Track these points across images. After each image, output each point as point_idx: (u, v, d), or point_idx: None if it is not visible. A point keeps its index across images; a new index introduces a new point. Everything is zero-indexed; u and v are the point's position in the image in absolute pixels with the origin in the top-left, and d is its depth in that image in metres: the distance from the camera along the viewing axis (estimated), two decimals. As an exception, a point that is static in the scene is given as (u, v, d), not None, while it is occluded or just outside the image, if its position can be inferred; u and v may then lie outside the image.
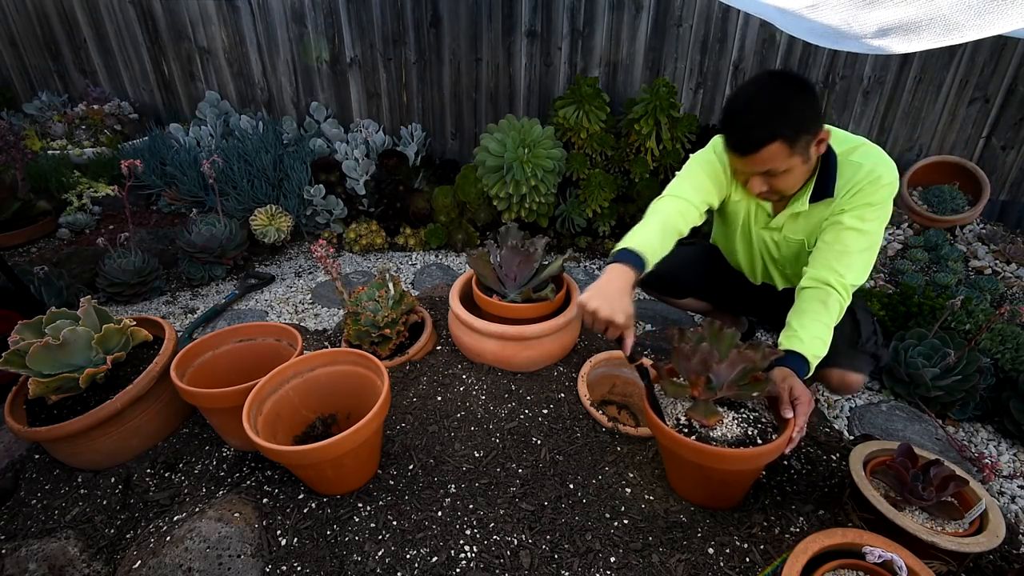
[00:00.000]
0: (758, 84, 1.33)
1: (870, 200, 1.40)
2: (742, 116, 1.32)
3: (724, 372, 1.28)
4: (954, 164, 2.81)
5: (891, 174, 1.41)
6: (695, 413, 1.33)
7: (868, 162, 1.41)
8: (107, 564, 1.35)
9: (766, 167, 1.35)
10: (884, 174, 1.40)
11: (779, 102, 1.28)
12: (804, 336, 1.35)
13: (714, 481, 1.37)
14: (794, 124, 1.29)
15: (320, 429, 1.62)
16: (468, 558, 1.32)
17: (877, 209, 1.41)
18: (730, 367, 1.26)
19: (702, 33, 2.85)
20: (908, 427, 1.83)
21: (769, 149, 1.30)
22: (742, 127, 1.32)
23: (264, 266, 2.96)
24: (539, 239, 2.03)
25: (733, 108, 1.35)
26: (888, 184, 1.40)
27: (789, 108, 1.28)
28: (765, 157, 1.32)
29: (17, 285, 1.98)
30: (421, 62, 3.22)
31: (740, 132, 1.33)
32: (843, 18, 1.30)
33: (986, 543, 1.19)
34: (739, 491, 1.45)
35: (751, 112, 1.30)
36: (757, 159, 1.33)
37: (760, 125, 1.29)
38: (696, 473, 1.37)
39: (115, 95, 3.75)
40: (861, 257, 1.42)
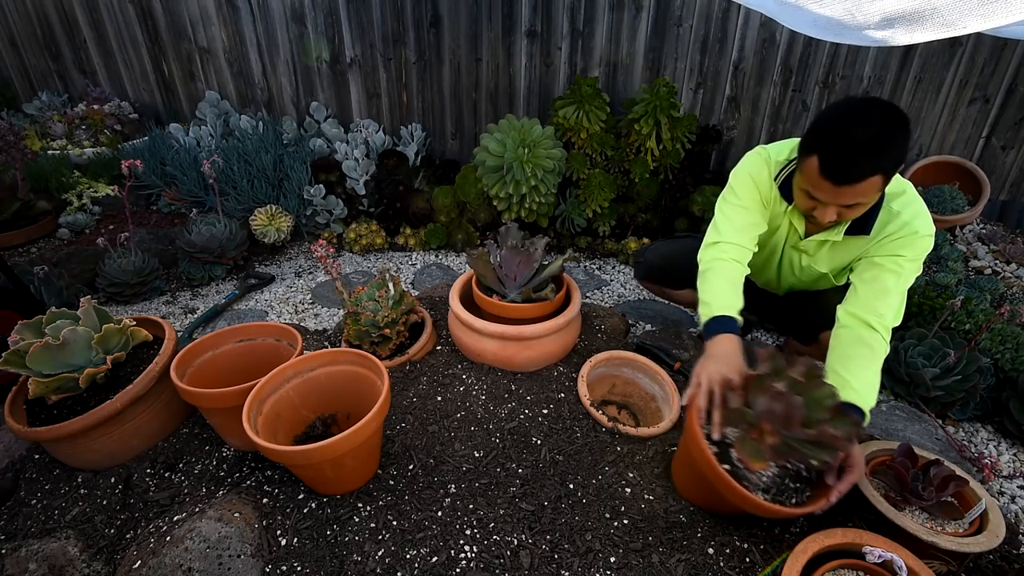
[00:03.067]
0: (868, 113, 1.22)
1: (908, 253, 1.38)
2: (853, 145, 1.20)
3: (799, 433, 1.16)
4: (954, 164, 2.81)
5: (928, 227, 1.39)
6: (743, 451, 1.22)
7: (906, 213, 1.39)
8: (107, 564, 1.35)
9: (855, 200, 1.27)
10: (921, 228, 1.38)
11: (890, 136, 1.20)
12: (859, 387, 1.29)
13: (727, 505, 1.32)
14: (895, 161, 1.23)
15: (320, 429, 1.62)
16: (468, 558, 1.32)
17: (915, 264, 1.39)
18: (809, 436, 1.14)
19: (702, 33, 2.85)
20: (908, 427, 1.83)
21: (869, 183, 1.22)
22: (850, 158, 1.21)
23: (264, 266, 2.96)
24: (539, 239, 2.03)
25: (842, 134, 1.22)
26: (925, 237, 1.38)
27: (896, 143, 1.21)
28: (860, 190, 1.24)
29: (17, 285, 1.98)
30: (421, 62, 3.22)
31: (847, 163, 1.22)
32: (846, 8, 1.29)
33: (986, 543, 1.19)
34: None
35: (863, 144, 1.20)
36: (852, 191, 1.25)
37: (871, 158, 1.20)
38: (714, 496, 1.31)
39: (115, 95, 3.74)
40: (899, 299, 1.39)
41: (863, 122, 1.21)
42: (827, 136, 1.25)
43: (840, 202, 1.30)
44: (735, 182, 1.57)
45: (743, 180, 1.55)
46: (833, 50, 2.75)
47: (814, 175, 1.28)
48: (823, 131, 1.26)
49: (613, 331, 2.20)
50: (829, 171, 1.24)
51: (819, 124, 1.28)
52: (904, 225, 1.39)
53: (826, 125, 1.26)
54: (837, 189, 1.26)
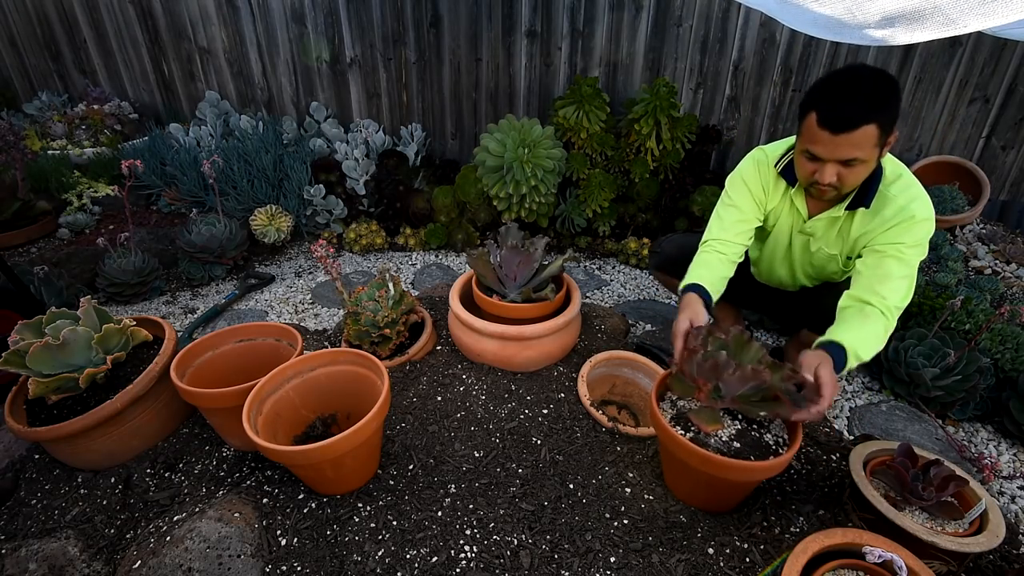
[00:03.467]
0: (861, 71, 1.32)
1: (908, 240, 1.42)
2: (847, 93, 1.29)
3: (734, 384, 1.26)
4: (954, 164, 2.81)
5: (925, 211, 1.42)
6: (697, 417, 1.30)
7: (903, 197, 1.43)
8: (107, 564, 1.35)
9: (852, 153, 1.33)
10: (917, 212, 1.41)
11: (882, 90, 1.29)
12: (846, 336, 1.35)
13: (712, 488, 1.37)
14: (890, 115, 1.30)
15: (320, 429, 1.62)
16: (468, 558, 1.32)
17: (917, 249, 1.43)
18: (741, 381, 1.24)
19: (702, 33, 2.85)
20: (908, 427, 1.83)
21: (865, 131, 1.29)
22: (845, 103, 1.29)
23: (264, 266, 2.96)
24: (539, 239, 2.03)
25: (837, 84, 1.31)
26: (923, 221, 1.42)
27: (888, 99, 1.29)
28: (856, 139, 1.30)
29: (17, 285, 1.98)
30: (421, 62, 3.22)
31: (841, 107, 1.29)
32: (846, 7, 1.29)
33: (986, 543, 1.19)
34: (737, 498, 1.45)
35: (858, 92, 1.28)
36: (849, 140, 1.31)
37: (864, 105, 1.27)
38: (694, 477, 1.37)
39: (115, 95, 3.75)
40: (903, 283, 1.42)
41: (856, 74, 1.31)
42: (823, 89, 1.33)
43: (838, 155, 1.35)
44: (728, 185, 1.68)
45: (735, 182, 1.66)
46: (833, 50, 2.75)
47: (813, 130, 1.34)
48: (820, 86, 1.35)
49: (613, 331, 2.20)
50: (827, 120, 1.31)
51: (816, 83, 1.38)
52: (900, 210, 1.43)
53: (822, 81, 1.36)
54: (835, 138, 1.32)
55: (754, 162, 1.63)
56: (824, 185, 1.42)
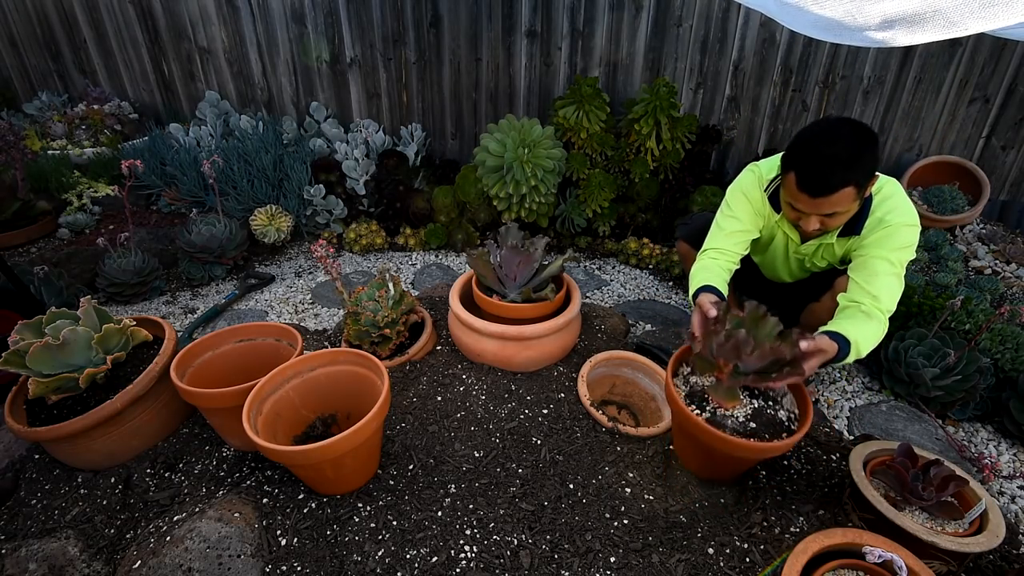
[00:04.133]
0: (837, 132, 1.36)
1: (889, 245, 1.48)
2: (824, 160, 1.35)
3: (754, 362, 1.29)
4: (954, 164, 2.81)
5: (904, 217, 1.48)
6: (716, 394, 1.35)
7: (880, 210, 1.50)
8: (107, 564, 1.35)
9: (832, 209, 1.41)
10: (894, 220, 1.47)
11: (857, 151, 1.34)
12: (850, 329, 1.39)
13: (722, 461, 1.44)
14: (866, 173, 1.37)
15: (320, 429, 1.62)
16: (468, 558, 1.32)
17: (902, 251, 1.48)
18: (760, 358, 1.28)
19: (702, 33, 2.85)
20: (908, 427, 1.83)
21: (842, 193, 1.36)
22: (822, 172, 1.36)
23: (264, 266, 2.96)
24: (539, 239, 2.03)
25: (814, 151, 1.36)
26: (903, 227, 1.47)
27: (864, 158, 1.35)
28: (835, 200, 1.38)
29: (17, 285, 1.98)
30: (421, 62, 3.22)
31: (819, 176, 1.36)
32: (847, 9, 1.29)
33: (986, 543, 1.19)
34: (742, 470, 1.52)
35: (833, 159, 1.34)
36: (827, 202, 1.39)
37: (841, 171, 1.34)
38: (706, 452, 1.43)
39: (115, 95, 3.75)
40: (890, 280, 1.47)
41: (832, 140, 1.35)
42: (801, 154, 1.40)
43: (819, 212, 1.44)
44: (730, 196, 1.72)
45: (736, 195, 1.70)
46: (833, 50, 2.75)
47: (793, 189, 1.43)
48: (798, 150, 1.41)
49: (613, 331, 2.20)
50: (805, 185, 1.39)
51: (794, 144, 1.43)
52: (879, 222, 1.50)
53: (800, 145, 1.41)
54: (814, 201, 1.40)
55: (754, 176, 1.68)
56: (809, 232, 1.51)
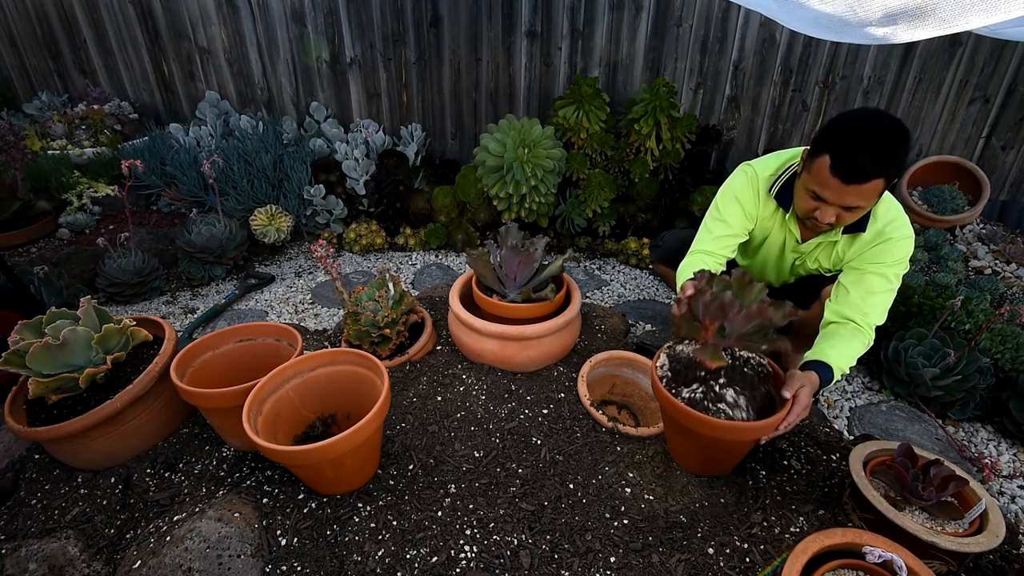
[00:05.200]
0: (880, 120, 1.33)
1: (887, 259, 1.49)
2: (865, 146, 1.30)
3: (739, 323, 1.29)
4: (954, 164, 2.81)
5: (902, 230, 1.49)
6: (702, 354, 1.33)
7: (881, 221, 1.51)
8: (107, 564, 1.35)
9: (857, 202, 1.37)
10: (894, 233, 1.49)
11: (896, 145, 1.31)
12: (831, 353, 1.43)
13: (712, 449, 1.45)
14: (896, 169, 1.33)
15: (320, 429, 1.62)
16: (468, 558, 1.32)
17: (897, 266, 1.50)
18: (746, 319, 1.27)
19: (702, 33, 2.85)
20: (908, 427, 1.83)
21: (873, 184, 1.32)
22: (862, 157, 1.31)
23: (264, 266, 2.96)
24: (539, 239, 2.03)
25: (857, 135, 1.32)
26: (901, 241, 1.49)
27: (901, 152, 1.32)
28: (865, 191, 1.33)
29: (17, 285, 1.98)
30: (421, 62, 3.22)
31: (858, 161, 1.31)
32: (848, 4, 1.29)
33: (986, 543, 1.19)
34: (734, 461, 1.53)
35: (875, 144, 1.30)
36: (857, 191, 1.34)
37: (880, 160, 1.30)
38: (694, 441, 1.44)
39: (115, 95, 3.75)
40: (884, 298, 1.50)
41: (875, 126, 1.31)
42: (841, 137, 1.33)
43: (844, 202, 1.38)
44: (719, 198, 1.70)
45: (727, 196, 1.68)
46: (833, 50, 2.75)
47: (824, 174, 1.36)
48: (837, 132, 1.34)
49: (613, 331, 2.20)
50: (840, 170, 1.32)
51: (832, 126, 1.37)
52: (878, 233, 1.51)
53: (840, 128, 1.35)
54: (845, 188, 1.34)
55: (746, 178, 1.65)
56: (822, 224, 1.46)
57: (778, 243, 1.73)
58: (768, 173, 1.63)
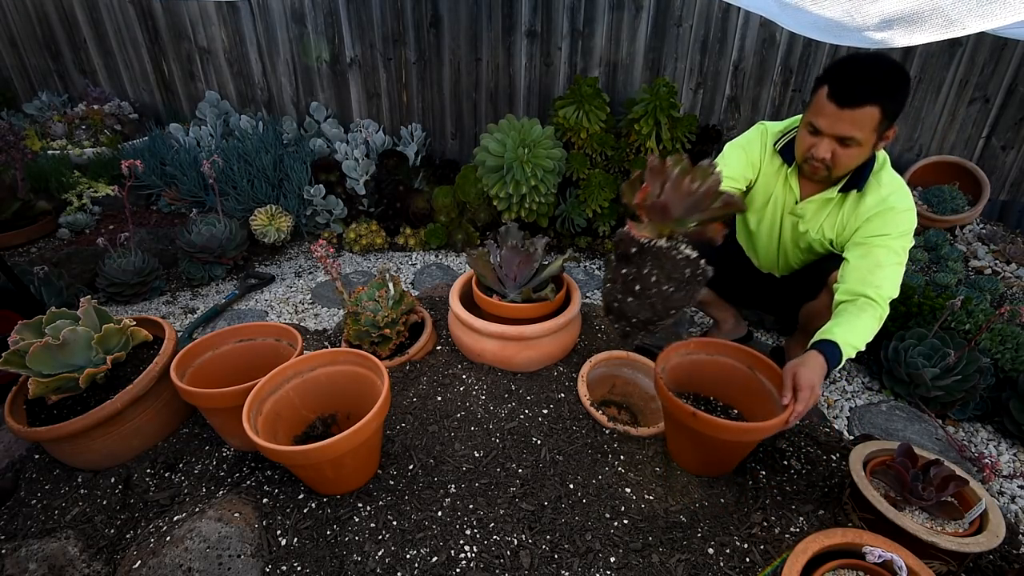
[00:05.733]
0: (881, 56, 1.37)
1: (892, 230, 1.49)
2: (860, 71, 1.35)
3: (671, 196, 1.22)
4: (954, 164, 2.81)
5: (905, 202, 1.50)
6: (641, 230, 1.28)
7: (885, 189, 1.51)
8: (107, 564, 1.35)
9: (851, 131, 1.39)
10: (897, 204, 1.49)
11: (894, 78, 1.35)
12: (837, 331, 1.41)
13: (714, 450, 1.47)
14: (894, 100, 1.36)
15: (320, 429, 1.62)
16: (468, 558, 1.32)
17: (903, 239, 1.50)
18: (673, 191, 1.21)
19: (702, 33, 2.85)
20: (908, 427, 1.83)
21: (868, 111, 1.35)
22: (856, 78, 1.35)
23: (264, 266, 2.96)
24: (539, 239, 2.03)
25: (854, 62, 1.37)
26: (904, 212, 1.49)
27: (897, 87, 1.35)
28: (858, 118, 1.36)
29: (17, 285, 1.98)
30: (421, 62, 3.22)
31: (852, 82, 1.35)
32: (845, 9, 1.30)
33: (986, 543, 1.19)
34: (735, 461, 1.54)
35: (869, 68, 1.34)
36: (851, 117, 1.36)
37: (873, 83, 1.34)
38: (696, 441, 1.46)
39: (115, 95, 3.74)
40: (893, 270, 1.48)
41: (875, 57, 1.37)
42: (841, 64, 1.39)
43: (837, 131, 1.41)
44: (727, 147, 1.75)
45: (734, 144, 1.74)
46: (833, 50, 2.75)
47: (821, 101, 1.41)
48: (838, 62, 1.40)
49: (613, 331, 2.20)
50: (835, 93, 1.37)
51: (836, 60, 1.43)
52: (881, 200, 1.50)
53: (842, 58, 1.41)
54: (839, 113, 1.37)
55: (757, 132, 1.71)
56: (817, 160, 1.48)
57: (779, 209, 1.73)
58: (778, 129, 1.68)
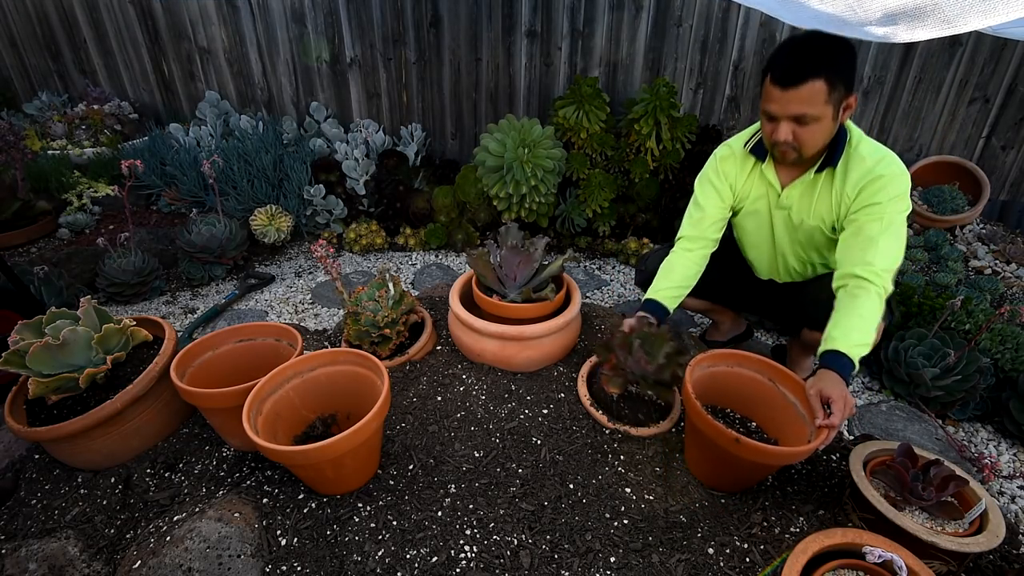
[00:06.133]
0: (814, 34, 1.39)
1: (882, 197, 1.44)
2: (793, 50, 1.37)
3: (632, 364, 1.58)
4: (954, 164, 2.81)
5: (893, 167, 1.45)
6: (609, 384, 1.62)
7: (871, 159, 1.46)
8: (107, 564, 1.35)
9: (802, 108, 1.38)
10: (885, 170, 1.44)
11: (829, 47, 1.35)
12: (836, 334, 1.38)
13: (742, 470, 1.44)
14: (837, 71, 1.34)
15: (320, 429, 1.62)
16: (468, 558, 1.32)
17: (895, 202, 1.44)
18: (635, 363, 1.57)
19: (702, 33, 2.85)
20: (908, 427, 1.83)
21: (811, 86, 1.34)
22: (792, 58, 1.36)
23: (264, 266, 2.96)
24: (539, 239, 2.03)
25: (785, 44, 1.40)
26: (896, 176, 1.44)
27: (836, 55, 1.34)
28: (804, 95, 1.35)
29: (17, 285, 1.98)
30: (421, 62, 3.22)
31: (788, 63, 1.36)
32: (848, 4, 1.30)
33: (986, 543, 1.19)
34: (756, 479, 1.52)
35: (803, 47, 1.35)
36: (797, 95, 1.36)
37: (809, 60, 1.34)
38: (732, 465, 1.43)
39: (115, 95, 3.74)
40: (887, 243, 1.43)
41: (808, 35, 1.39)
42: (778, 49, 1.42)
43: (789, 111, 1.40)
44: (696, 185, 1.79)
45: (701, 181, 1.78)
46: (833, 50, 2.75)
47: (768, 88, 1.42)
48: (776, 48, 1.44)
49: (613, 331, 2.20)
50: (776, 77, 1.38)
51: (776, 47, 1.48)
52: (868, 171, 1.46)
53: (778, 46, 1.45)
54: (785, 94, 1.38)
55: (716, 160, 1.74)
56: (781, 143, 1.46)
57: (765, 209, 1.70)
58: (746, 138, 1.69)
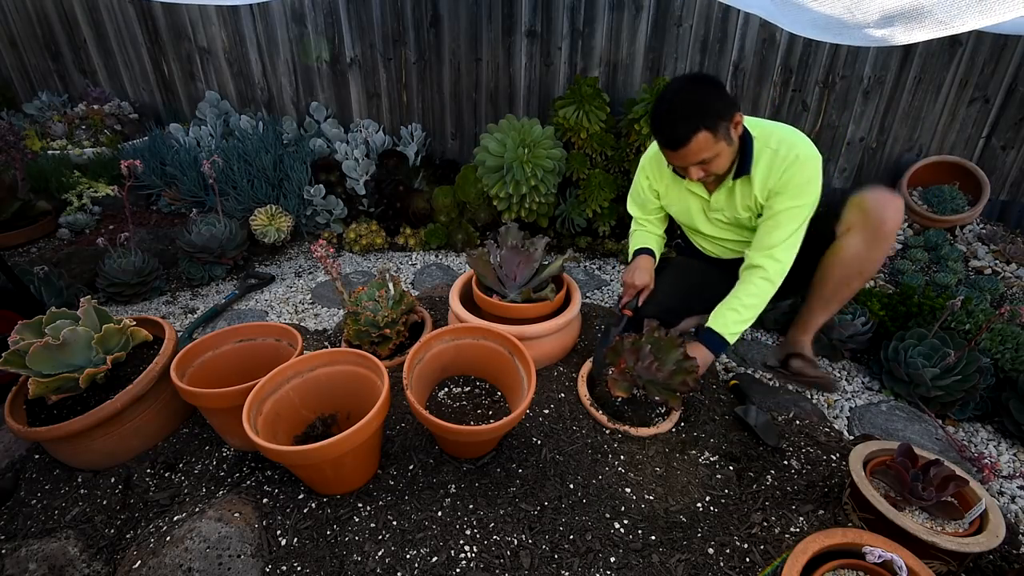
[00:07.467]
0: (674, 88, 1.51)
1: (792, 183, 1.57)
2: (667, 119, 1.50)
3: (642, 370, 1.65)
4: (954, 164, 2.81)
5: (800, 149, 1.57)
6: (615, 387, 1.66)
7: (783, 147, 1.58)
8: (107, 564, 1.35)
9: (698, 157, 1.52)
10: (800, 153, 1.56)
11: (695, 100, 1.47)
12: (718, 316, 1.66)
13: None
14: (712, 115, 1.46)
15: (320, 429, 1.62)
16: (468, 558, 1.32)
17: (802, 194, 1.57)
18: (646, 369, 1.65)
19: (702, 33, 2.85)
20: (908, 427, 1.83)
21: (696, 140, 1.47)
22: (669, 128, 1.50)
23: (264, 266, 2.96)
24: (539, 239, 2.03)
25: (657, 114, 1.51)
26: (811, 159, 1.56)
27: (704, 103, 1.47)
28: (694, 149, 1.49)
29: (17, 285, 1.98)
30: (421, 62, 3.22)
31: (668, 132, 1.50)
32: (846, 6, 1.30)
33: (986, 543, 1.19)
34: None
35: (674, 113, 1.48)
36: (688, 152, 1.50)
37: (684, 122, 1.47)
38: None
39: (115, 95, 3.74)
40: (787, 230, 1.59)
41: (664, 99, 1.50)
42: (651, 120, 1.56)
43: (689, 162, 1.55)
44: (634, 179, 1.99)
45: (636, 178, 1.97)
46: (833, 50, 2.75)
47: (663, 151, 1.59)
48: (651, 117, 1.57)
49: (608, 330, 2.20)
50: (664, 144, 1.56)
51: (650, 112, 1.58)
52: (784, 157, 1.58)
53: (651, 112, 1.56)
54: (677, 154, 1.54)
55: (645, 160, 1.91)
56: (697, 181, 1.62)
57: (697, 207, 1.84)
58: None
